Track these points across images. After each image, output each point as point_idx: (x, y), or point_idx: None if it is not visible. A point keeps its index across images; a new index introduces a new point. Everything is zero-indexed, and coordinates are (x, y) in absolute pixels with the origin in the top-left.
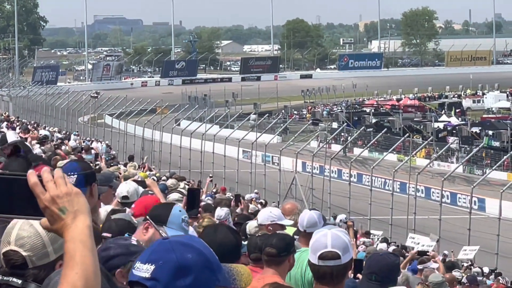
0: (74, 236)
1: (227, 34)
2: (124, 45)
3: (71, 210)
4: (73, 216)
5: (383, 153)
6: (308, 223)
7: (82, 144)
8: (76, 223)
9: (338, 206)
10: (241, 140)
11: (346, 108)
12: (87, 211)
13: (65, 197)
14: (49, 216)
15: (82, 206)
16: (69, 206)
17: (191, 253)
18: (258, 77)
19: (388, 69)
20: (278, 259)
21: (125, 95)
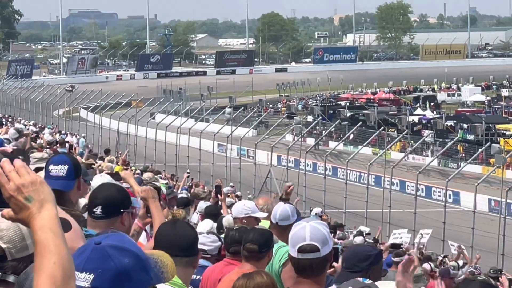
0: (44, 225)
1: (202, 28)
2: (99, 39)
3: (37, 199)
4: (40, 205)
5: (358, 147)
6: (281, 216)
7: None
8: (44, 212)
9: (313, 199)
10: (216, 134)
11: (321, 101)
12: (53, 200)
13: (30, 186)
14: (14, 205)
15: (48, 195)
16: (35, 195)
17: (127, 257)
18: (233, 70)
19: (363, 63)
20: (258, 255)
21: (100, 89)
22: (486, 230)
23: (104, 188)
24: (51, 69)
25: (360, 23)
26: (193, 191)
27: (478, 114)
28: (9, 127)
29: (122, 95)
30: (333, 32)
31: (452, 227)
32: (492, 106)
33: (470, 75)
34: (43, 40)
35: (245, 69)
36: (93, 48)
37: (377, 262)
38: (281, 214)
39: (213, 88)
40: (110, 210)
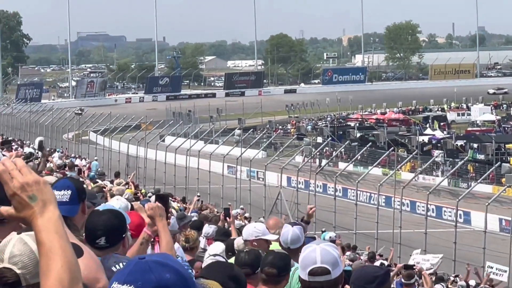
0: (48, 227)
1: (211, 50)
2: (107, 62)
3: (41, 199)
4: (43, 204)
5: (368, 167)
6: (292, 239)
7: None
8: (47, 212)
9: (324, 221)
10: (226, 156)
11: (330, 122)
12: (55, 202)
13: (34, 184)
14: (17, 203)
15: (52, 196)
16: (39, 194)
17: (169, 272)
18: (242, 92)
19: (372, 83)
20: (277, 279)
21: (109, 112)
22: (497, 250)
23: (102, 217)
24: (60, 93)
25: (369, 43)
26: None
27: (488, 133)
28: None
29: (131, 118)
30: (341, 52)
31: (463, 247)
32: (502, 125)
33: (479, 95)
34: (52, 63)
35: (254, 90)
36: (102, 71)
37: (385, 282)
38: (292, 238)
39: (222, 110)
40: (113, 239)
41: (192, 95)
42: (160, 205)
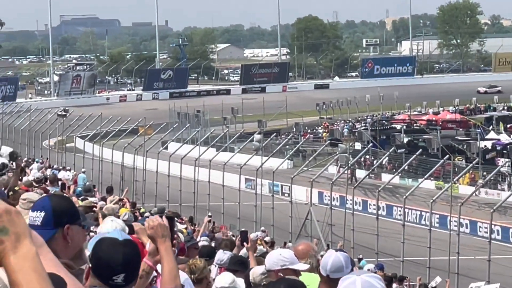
0: (24, 265)
1: (224, 36)
2: (97, 51)
3: (13, 231)
4: (16, 239)
5: (418, 180)
6: (333, 267)
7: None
8: (21, 248)
9: (363, 245)
10: (243, 166)
11: (371, 125)
12: (30, 236)
13: (5, 215)
14: None
15: (25, 229)
16: (11, 226)
17: None
18: (262, 88)
19: (423, 76)
20: None
21: (100, 113)
22: None
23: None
24: (40, 90)
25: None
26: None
27: None
28: None
29: (127, 121)
30: (384, 39)
31: None
32: None
33: None
34: (29, 54)
35: (278, 86)
36: (91, 63)
37: None
38: (333, 265)
39: (238, 110)
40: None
41: (202, 91)
42: (163, 223)
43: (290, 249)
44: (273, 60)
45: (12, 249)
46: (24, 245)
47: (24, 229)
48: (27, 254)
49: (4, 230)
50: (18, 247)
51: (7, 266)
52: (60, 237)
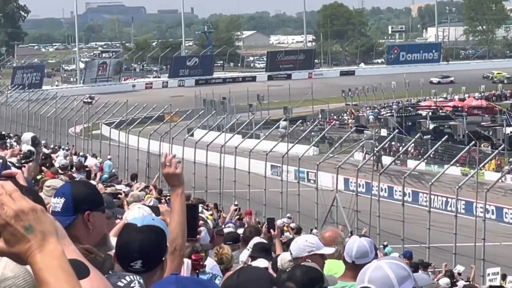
0: (52, 263)
1: (250, 23)
2: (123, 39)
3: (39, 230)
4: (42, 237)
5: (444, 166)
6: (358, 253)
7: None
8: (48, 246)
9: (389, 231)
10: (269, 153)
11: (397, 111)
12: (56, 233)
13: (31, 213)
14: (9, 236)
15: (51, 226)
16: (36, 224)
17: None
18: (288, 75)
19: (448, 63)
20: None
21: (126, 100)
22: None
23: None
24: (66, 77)
25: (444, 13)
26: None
27: None
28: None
29: (152, 108)
30: (410, 25)
31: None
32: None
33: None
34: (55, 41)
35: (303, 72)
36: (117, 51)
37: None
38: (358, 251)
39: (264, 96)
40: (151, 263)
41: (227, 78)
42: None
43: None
44: (298, 47)
45: (38, 248)
46: (50, 243)
47: (50, 227)
48: (54, 252)
49: (30, 229)
50: (45, 245)
51: (33, 265)
52: (80, 223)
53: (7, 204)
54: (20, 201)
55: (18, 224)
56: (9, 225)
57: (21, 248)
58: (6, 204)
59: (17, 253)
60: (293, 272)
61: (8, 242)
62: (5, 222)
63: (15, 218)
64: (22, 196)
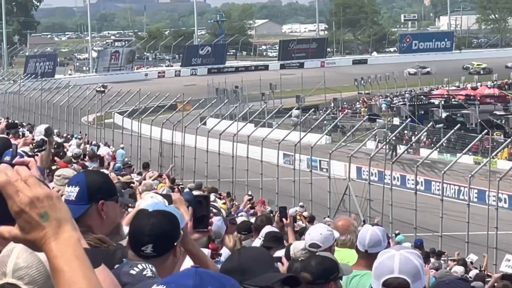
0: (67, 251)
1: (262, 12)
2: (136, 28)
3: (54, 217)
4: (57, 224)
5: (456, 155)
6: (371, 241)
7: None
8: (63, 234)
9: (402, 220)
10: (282, 142)
11: (409, 100)
12: (72, 221)
13: (46, 200)
14: (24, 223)
15: (67, 214)
16: (52, 212)
17: (214, 285)
18: (300, 63)
19: (461, 51)
20: (312, 287)
21: (139, 89)
22: None
23: (152, 219)
24: (78, 66)
25: (456, 2)
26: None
27: None
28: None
29: (165, 96)
30: (423, 14)
31: None
32: None
33: None
34: (68, 30)
35: (316, 61)
36: (129, 40)
37: None
38: (371, 240)
39: (276, 85)
40: (162, 247)
41: (240, 67)
42: None
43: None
44: (311, 35)
45: (53, 235)
46: (65, 231)
47: (65, 214)
48: (69, 241)
49: (45, 216)
50: (60, 233)
51: (48, 253)
52: (94, 212)
53: (22, 190)
54: (35, 187)
55: (33, 211)
56: (24, 212)
57: (36, 235)
58: (21, 191)
59: (32, 240)
60: (308, 262)
61: (23, 229)
62: (20, 209)
63: (30, 205)
64: (37, 182)
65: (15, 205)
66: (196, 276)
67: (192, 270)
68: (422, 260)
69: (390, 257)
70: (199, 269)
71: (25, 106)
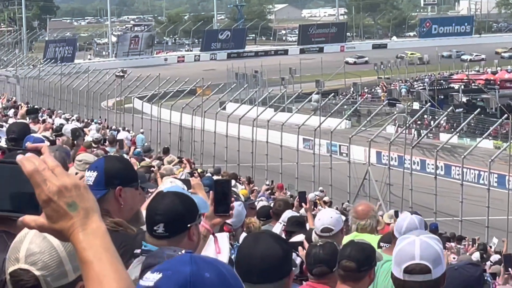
0: (95, 242)
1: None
2: (155, 12)
3: (83, 207)
4: (85, 214)
5: (476, 139)
6: (408, 229)
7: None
8: (91, 224)
9: (422, 205)
10: (301, 126)
11: (429, 84)
12: (99, 212)
13: (74, 189)
14: (52, 212)
15: (94, 204)
16: (80, 201)
17: (210, 272)
18: (320, 48)
19: (481, 36)
20: (357, 275)
21: (158, 74)
22: None
23: (165, 199)
24: (98, 51)
25: None
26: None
27: None
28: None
29: (184, 81)
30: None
31: None
32: None
33: None
34: (87, 15)
35: (335, 46)
36: (149, 24)
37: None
38: (408, 227)
39: (296, 70)
40: (174, 227)
41: (259, 52)
42: None
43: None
44: (330, 20)
45: (81, 225)
46: (93, 222)
47: (93, 204)
48: (97, 231)
49: (74, 206)
50: (87, 223)
51: (76, 244)
52: (112, 198)
53: (50, 179)
54: (62, 177)
55: (61, 200)
56: (52, 201)
57: (63, 225)
58: (49, 180)
59: (59, 229)
60: (349, 251)
61: (50, 218)
62: (48, 198)
63: (58, 194)
64: (64, 172)
65: (43, 193)
66: (192, 262)
67: (187, 255)
68: (441, 245)
69: (410, 243)
70: (194, 255)
71: (44, 91)
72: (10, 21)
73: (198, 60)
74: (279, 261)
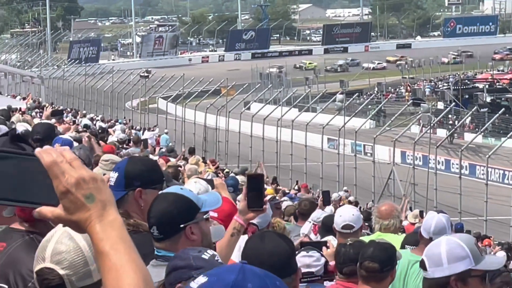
0: (112, 234)
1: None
2: (179, 12)
3: (100, 199)
4: (102, 207)
5: (501, 139)
6: (436, 228)
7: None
8: (108, 216)
9: (446, 204)
10: (326, 126)
11: (454, 84)
12: (115, 205)
13: (91, 181)
14: (69, 203)
15: (111, 197)
16: (97, 194)
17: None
18: (344, 48)
19: (505, 35)
20: (380, 275)
21: (182, 74)
22: None
23: (157, 202)
24: (122, 51)
25: None
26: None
27: None
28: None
29: (209, 81)
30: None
31: None
32: None
33: None
34: (112, 15)
35: (360, 46)
36: (173, 24)
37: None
38: (436, 227)
39: (320, 70)
40: (166, 229)
41: (283, 52)
42: None
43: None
44: (355, 20)
45: (98, 217)
46: (110, 214)
47: (110, 197)
48: (114, 223)
49: (91, 197)
50: (104, 215)
51: (93, 235)
52: (132, 199)
53: (68, 171)
54: (80, 169)
55: (79, 192)
56: (70, 192)
57: (81, 216)
58: (67, 172)
59: (77, 221)
60: (372, 251)
61: (68, 209)
62: (66, 189)
63: (76, 185)
64: (82, 165)
65: (61, 185)
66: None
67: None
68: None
69: (436, 244)
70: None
71: (69, 92)
72: (34, 22)
73: (222, 60)
74: (287, 257)
